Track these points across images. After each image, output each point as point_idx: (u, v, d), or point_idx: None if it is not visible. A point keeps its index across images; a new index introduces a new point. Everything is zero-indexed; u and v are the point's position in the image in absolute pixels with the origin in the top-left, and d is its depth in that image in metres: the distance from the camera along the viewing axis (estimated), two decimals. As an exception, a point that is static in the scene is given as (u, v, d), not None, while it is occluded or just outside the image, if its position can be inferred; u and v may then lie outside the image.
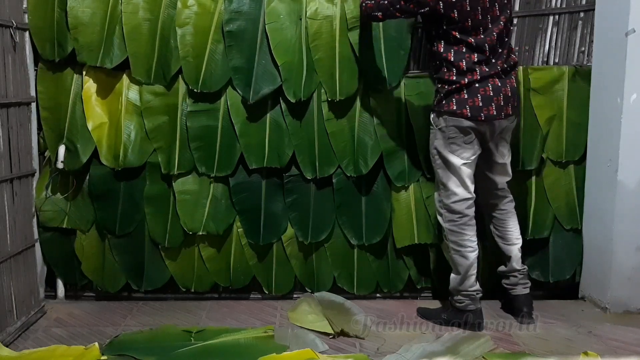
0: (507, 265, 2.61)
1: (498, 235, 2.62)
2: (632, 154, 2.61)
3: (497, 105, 2.36)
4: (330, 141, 2.79)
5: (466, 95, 2.35)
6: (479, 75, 2.34)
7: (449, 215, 2.46)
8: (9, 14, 2.47)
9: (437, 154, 2.46)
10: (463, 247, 2.45)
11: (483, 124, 2.37)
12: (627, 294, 2.68)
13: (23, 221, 2.59)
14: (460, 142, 2.39)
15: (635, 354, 2.27)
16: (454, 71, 2.35)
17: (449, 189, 2.44)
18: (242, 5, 2.69)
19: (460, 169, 2.41)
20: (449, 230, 2.47)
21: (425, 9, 2.32)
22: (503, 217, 2.60)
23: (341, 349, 2.32)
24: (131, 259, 2.86)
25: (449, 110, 2.37)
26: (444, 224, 2.49)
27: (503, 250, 2.62)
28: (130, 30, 2.66)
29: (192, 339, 2.37)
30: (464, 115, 2.35)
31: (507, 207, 2.60)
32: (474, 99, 2.35)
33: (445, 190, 2.46)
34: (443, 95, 2.39)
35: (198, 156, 2.78)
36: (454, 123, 2.37)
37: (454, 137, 2.39)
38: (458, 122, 2.37)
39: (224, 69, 2.72)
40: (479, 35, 2.34)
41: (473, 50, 2.34)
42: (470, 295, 2.49)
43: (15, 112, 2.51)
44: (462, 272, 2.46)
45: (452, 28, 2.33)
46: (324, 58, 2.72)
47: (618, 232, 2.64)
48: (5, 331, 2.35)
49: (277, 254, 2.91)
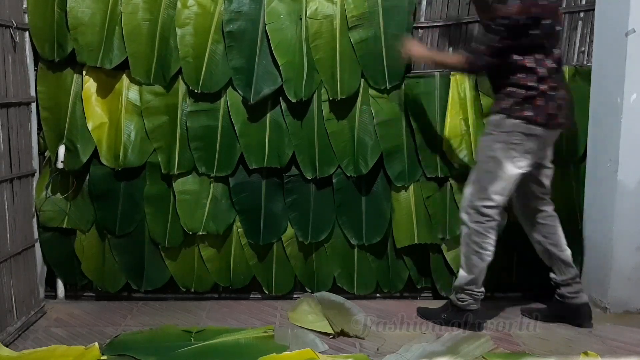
0: (565, 272, 2.52)
1: (550, 243, 2.53)
2: (632, 154, 2.61)
3: (562, 114, 2.36)
4: (330, 141, 2.79)
5: (540, 103, 2.31)
6: (553, 83, 2.32)
7: (476, 217, 2.41)
8: (9, 14, 2.47)
9: (492, 158, 2.38)
10: (483, 250, 2.41)
11: (550, 132, 2.36)
12: (627, 294, 2.68)
13: (23, 221, 2.59)
14: (521, 150, 2.34)
15: (635, 354, 2.27)
16: (533, 77, 2.30)
17: (487, 194, 2.38)
18: (242, 6, 2.69)
19: (510, 177, 2.36)
20: (474, 230, 2.42)
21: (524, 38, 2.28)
22: (553, 223, 2.53)
23: (341, 349, 2.32)
24: (131, 259, 2.86)
25: (522, 115, 2.32)
26: (469, 223, 2.43)
27: (560, 257, 2.52)
28: (130, 30, 2.66)
29: (192, 339, 2.37)
30: (537, 122, 2.31)
31: (554, 213, 2.54)
32: (547, 106, 2.31)
33: (483, 194, 2.39)
34: (521, 100, 2.32)
35: (198, 156, 2.78)
36: (522, 130, 2.32)
37: (517, 143, 2.33)
38: (528, 130, 2.32)
39: (224, 70, 2.72)
40: (556, 46, 2.35)
41: (549, 58, 2.31)
42: (474, 296, 2.48)
43: (15, 112, 2.51)
44: (476, 273, 2.43)
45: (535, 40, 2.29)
46: (324, 58, 2.72)
47: (618, 232, 2.64)
48: (5, 331, 2.35)
49: (277, 254, 2.91)
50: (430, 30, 2.84)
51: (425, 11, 2.84)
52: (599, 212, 2.76)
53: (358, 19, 2.71)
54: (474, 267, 2.44)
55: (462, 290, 2.49)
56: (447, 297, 2.92)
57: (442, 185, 2.87)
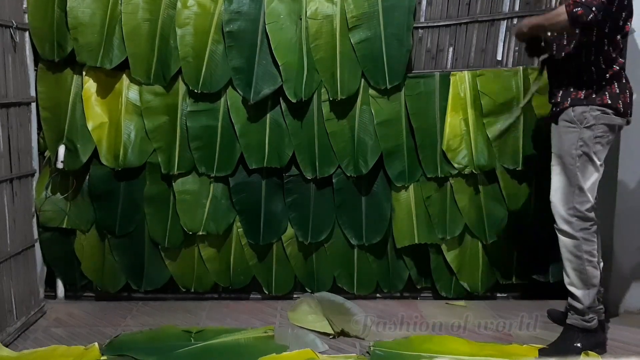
0: None
1: None
2: (632, 154, 2.61)
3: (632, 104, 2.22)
4: (330, 141, 2.79)
5: (617, 90, 2.17)
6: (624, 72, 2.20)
7: (581, 224, 2.20)
8: (9, 14, 2.47)
9: (581, 154, 2.18)
10: (595, 257, 2.21)
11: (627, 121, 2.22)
12: (627, 294, 2.68)
13: (23, 221, 2.59)
14: (605, 142, 2.19)
15: (635, 354, 2.27)
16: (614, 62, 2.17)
17: (586, 194, 2.19)
18: (242, 6, 2.69)
19: (598, 171, 2.20)
20: (583, 240, 2.20)
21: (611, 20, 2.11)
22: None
23: (341, 349, 2.32)
24: (131, 259, 2.86)
25: (602, 104, 2.16)
26: (575, 233, 2.20)
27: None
28: (129, 30, 2.66)
29: (192, 339, 2.37)
30: (618, 110, 2.16)
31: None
32: (625, 95, 2.18)
33: (580, 196, 2.19)
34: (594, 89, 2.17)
35: (198, 156, 2.78)
36: (605, 121, 2.17)
37: (601, 135, 2.17)
38: (609, 120, 2.17)
39: (224, 70, 2.72)
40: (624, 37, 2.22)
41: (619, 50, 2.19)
42: (598, 312, 2.28)
43: (15, 112, 2.51)
44: (596, 283, 2.22)
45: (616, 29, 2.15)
46: (324, 58, 2.72)
47: (618, 232, 2.64)
48: (5, 331, 2.35)
49: (277, 254, 2.91)
50: (430, 30, 2.84)
51: (425, 11, 2.83)
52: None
53: (358, 19, 2.70)
54: (594, 278, 2.21)
55: (588, 310, 2.24)
56: (447, 297, 2.93)
57: (442, 185, 2.87)
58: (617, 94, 2.17)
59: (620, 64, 2.18)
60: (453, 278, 2.92)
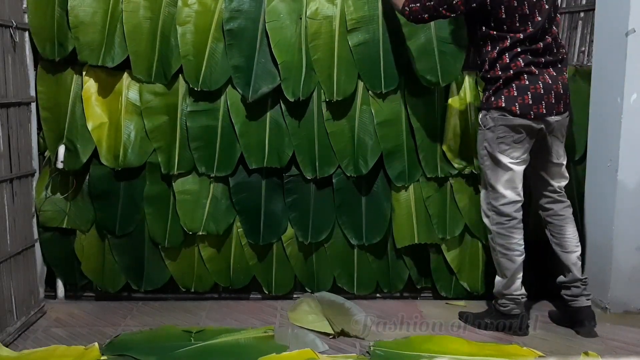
0: (566, 275, 2.50)
1: (555, 242, 2.52)
2: (632, 154, 2.61)
3: (547, 104, 2.31)
4: (330, 141, 2.79)
5: (515, 93, 2.29)
6: (528, 72, 2.29)
7: (497, 218, 2.40)
8: (9, 14, 2.46)
9: (486, 154, 2.40)
10: (510, 251, 2.39)
11: (535, 121, 2.32)
12: (627, 294, 2.68)
13: (23, 221, 2.59)
14: (510, 142, 2.33)
15: (635, 354, 2.28)
16: (497, 67, 2.30)
17: (498, 191, 2.39)
18: (242, 4, 2.69)
19: (509, 169, 2.36)
20: (496, 233, 2.41)
21: (473, 4, 2.26)
22: (560, 223, 2.50)
23: (341, 349, 2.32)
24: (131, 259, 2.85)
25: (497, 107, 2.31)
26: (491, 227, 2.43)
27: (562, 259, 2.50)
28: (131, 29, 2.66)
29: (192, 339, 2.37)
30: (513, 112, 2.29)
31: (564, 212, 2.51)
32: (523, 97, 2.29)
33: (493, 192, 2.40)
34: (491, 93, 2.34)
35: (198, 156, 2.78)
36: (503, 122, 2.32)
37: (503, 136, 2.33)
38: (507, 121, 2.31)
39: (224, 68, 2.72)
40: (527, 30, 2.27)
41: (521, 46, 2.28)
42: (515, 299, 2.44)
43: (15, 112, 2.51)
44: (509, 275, 2.40)
45: (499, 25, 2.28)
46: (322, 58, 2.72)
47: (618, 232, 2.64)
48: (5, 331, 2.35)
49: (277, 254, 2.91)
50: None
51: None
52: (599, 212, 2.76)
53: (357, 22, 2.70)
54: (506, 269, 2.41)
55: (502, 295, 2.46)
56: (447, 297, 2.93)
57: (442, 185, 2.87)
58: (515, 97, 2.30)
59: (519, 67, 2.29)
60: (453, 278, 2.93)
